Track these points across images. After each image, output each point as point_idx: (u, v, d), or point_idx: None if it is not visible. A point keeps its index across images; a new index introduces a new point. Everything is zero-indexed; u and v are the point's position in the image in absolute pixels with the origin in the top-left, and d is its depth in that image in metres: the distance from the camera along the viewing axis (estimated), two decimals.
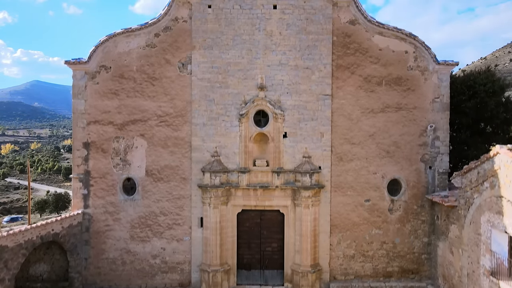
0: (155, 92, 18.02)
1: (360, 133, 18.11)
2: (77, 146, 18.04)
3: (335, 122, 18.07)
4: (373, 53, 18.04)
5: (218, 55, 17.93)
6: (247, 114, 17.86)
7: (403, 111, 18.12)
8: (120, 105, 18.03)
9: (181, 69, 18.02)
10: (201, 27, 17.91)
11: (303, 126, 17.97)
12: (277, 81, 17.96)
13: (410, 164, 18.12)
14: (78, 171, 18.00)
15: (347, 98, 18.09)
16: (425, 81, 18.10)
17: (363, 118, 18.10)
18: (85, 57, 18.01)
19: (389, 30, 17.91)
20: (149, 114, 18.05)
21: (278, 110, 17.82)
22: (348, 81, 18.07)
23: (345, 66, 18.04)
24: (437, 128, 18.12)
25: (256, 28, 17.91)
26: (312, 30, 17.93)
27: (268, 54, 17.91)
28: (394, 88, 18.10)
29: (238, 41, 17.92)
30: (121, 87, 18.00)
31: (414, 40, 17.93)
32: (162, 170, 18.05)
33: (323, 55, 17.93)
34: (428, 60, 18.01)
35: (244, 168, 17.83)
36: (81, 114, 18.01)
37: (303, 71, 17.95)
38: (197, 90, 17.95)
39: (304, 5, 17.93)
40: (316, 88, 17.96)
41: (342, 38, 18.04)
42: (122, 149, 18.04)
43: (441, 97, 18.14)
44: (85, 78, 17.98)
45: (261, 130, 17.99)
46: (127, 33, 17.88)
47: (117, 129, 18.04)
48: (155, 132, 18.04)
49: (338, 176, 18.10)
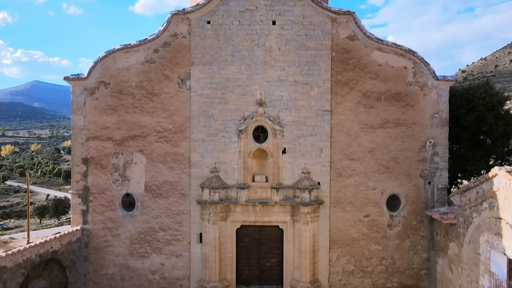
0: (154, 108, 18.02)
1: (359, 149, 18.11)
2: (76, 162, 18.04)
3: (334, 137, 18.07)
4: (372, 68, 18.04)
5: (217, 71, 17.93)
6: (246, 130, 17.86)
7: (402, 126, 18.12)
8: (119, 121, 18.03)
9: (180, 84, 18.02)
10: (200, 43, 17.91)
11: (302, 142, 17.97)
12: (276, 97, 17.96)
13: (409, 179, 18.12)
14: (77, 187, 18.00)
15: (346, 114, 18.08)
16: (424, 97, 18.10)
17: (362, 133, 18.10)
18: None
19: (388, 46, 17.91)
20: (148, 130, 18.05)
21: (277, 126, 17.82)
22: (347, 97, 18.07)
23: (344, 82, 18.04)
24: (436, 143, 18.12)
25: (255, 44, 17.91)
26: (311, 46, 17.93)
27: (267, 70, 17.92)
28: (393, 103, 18.10)
29: (237, 57, 17.92)
30: (120, 103, 18.01)
31: (413, 56, 17.93)
32: (161, 186, 18.05)
33: (322, 70, 17.93)
34: (427, 75, 18.01)
35: (243, 184, 17.83)
36: (80, 130, 18.01)
37: (302, 87, 17.95)
38: (196, 106, 17.95)
39: (303, 21, 17.93)
40: (315, 104, 17.95)
41: (341, 54, 18.03)
42: (121, 164, 18.04)
43: (440, 113, 18.14)
44: (84, 94, 17.98)
45: (260, 146, 17.99)
46: (126, 49, 17.88)
47: (116, 145, 18.04)
48: (154, 148, 18.05)
49: (337, 192, 18.10)
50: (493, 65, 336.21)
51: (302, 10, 17.93)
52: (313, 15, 17.92)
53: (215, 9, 17.92)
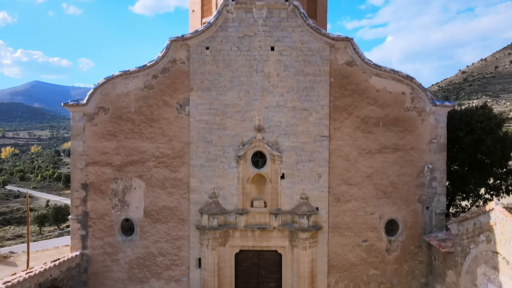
0: (153, 134, 18.09)
1: (358, 174, 18.18)
2: (75, 187, 18.10)
3: (332, 163, 18.14)
4: (370, 94, 18.11)
5: (216, 96, 18.00)
6: (244, 156, 17.93)
7: (400, 152, 18.19)
8: (119, 146, 18.10)
9: (179, 110, 18.09)
10: (199, 68, 17.98)
11: (301, 168, 18.04)
12: (275, 122, 18.03)
13: (407, 204, 18.20)
14: (76, 212, 18.07)
15: (345, 139, 18.16)
16: (422, 122, 18.17)
17: (361, 159, 18.17)
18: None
19: (386, 71, 17.98)
20: (147, 155, 18.12)
21: (276, 152, 17.88)
22: (346, 122, 18.14)
23: (342, 107, 18.11)
24: (434, 168, 18.18)
25: (253, 70, 17.98)
26: (310, 71, 18.00)
27: (265, 96, 17.99)
28: (391, 129, 18.17)
29: (236, 82, 17.99)
30: (120, 128, 18.07)
31: (411, 82, 18.01)
32: (160, 211, 18.12)
33: (321, 96, 18.00)
34: (425, 101, 18.08)
35: (241, 209, 17.90)
36: (79, 155, 18.07)
37: (300, 113, 18.02)
38: (195, 132, 18.02)
39: (302, 47, 17.99)
40: (314, 130, 18.02)
41: (340, 80, 18.11)
42: (121, 190, 18.11)
43: (438, 138, 18.20)
44: (84, 120, 18.05)
45: (258, 171, 18.06)
46: (125, 75, 17.95)
47: (115, 170, 18.11)
48: (153, 173, 18.12)
49: (335, 217, 18.17)
50: (493, 66, 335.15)
51: (301, 36, 18.00)
52: (311, 41, 17.99)
53: (214, 35, 17.98)
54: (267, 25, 18.01)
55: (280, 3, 17.93)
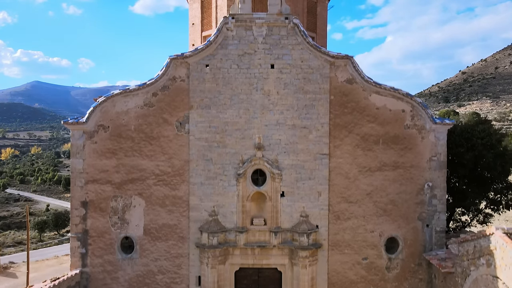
0: (153, 151, 18.07)
1: (358, 192, 18.16)
2: (75, 205, 18.08)
3: (332, 180, 18.11)
4: (370, 112, 18.09)
5: (215, 114, 17.98)
6: (244, 174, 17.91)
7: (400, 169, 18.16)
8: (118, 164, 18.08)
9: (178, 128, 18.07)
10: (198, 86, 17.96)
11: (301, 185, 18.02)
12: (275, 140, 18.01)
13: (407, 222, 18.17)
14: (76, 230, 18.05)
15: (345, 157, 18.13)
16: (422, 140, 18.15)
17: (361, 176, 18.15)
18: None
19: (386, 89, 17.96)
20: (147, 173, 18.09)
21: (276, 170, 17.86)
22: (346, 140, 18.11)
23: (342, 125, 18.08)
24: (434, 186, 18.16)
25: (253, 88, 17.96)
26: (310, 89, 17.98)
27: (265, 114, 17.96)
28: (391, 146, 18.14)
29: (235, 100, 17.97)
30: (119, 146, 18.05)
31: (411, 100, 17.98)
32: (160, 229, 18.10)
33: (321, 114, 17.98)
34: (425, 119, 18.05)
35: (241, 227, 17.88)
36: (79, 173, 18.05)
37: (300, 131, 18.00)
38: (195, 150, 18.00)
39: (302, 64, 17.97)
40: (314, 148, 18.00)
41: (340, 97, 18.08)
42: (120, 208, 18.09)
43: (438, 156, 18.17)
44: (83, 138, 18.03)
45: (258, 189, 18.04)
46: (125, 93, 17.92)
47: (115, 188, 18.09)
48: (153, 191, 18.10)
49: (335, 235, 18.15)
50: (493, 67, 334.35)
51: (301, 54, 17.97)
52: (311, 58, 17.96)
53: (214, 53, 17.96)
54: (267, 42, 17.99)
55: (280, 21, 17.90)
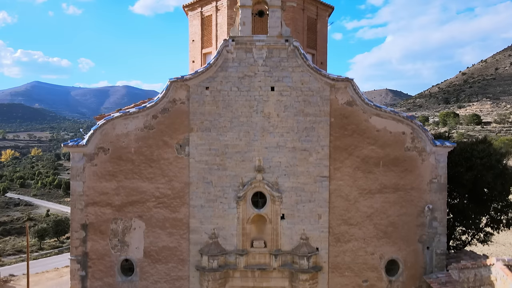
0: (153, 174, 18.05)
1: (358, 214, 18.15)
2: (75, 228, 18.07)
3: (332, 203, 18.10)
4: (370, 134, 18.07)
5: (215, 137, 17.97)
6: (244, 197, 17.90)
7: (400, 191, 18.15)
8: (118, 187, 18.06)
9: (179, 150, 18.05)
10: (198, 109, 17.95)
11: (301, 208, 18.02)
12: (275, 163, 17.99)
13: (407, 244, 18.16)
14: (76, 253, 18.03)
15: (345, 179, 18.12)
16: (423, 162, 18.13)
17: (361, 199, 18.14)
18: None
19: (386, 112, 17.95)
20: (147, 196, 18.08)
21: (276, 192, 17.86)
22: (346, 162, 18.10)
23: (342, 148, 18.07)
24: (434, 208, 18.14)
25: (253, 110, 17.94)
26: (310, 111, 17.96)
27: (265, 136, 17.95)
28: (392, 169, 18.13)
29: (235, 123, 17.95)
30: (119, 168, 18.04)
31: (411, 122, 17.96)
32: (160, 251, 18.09)
33: (321, 136, 17.96)
34: (426, 141, 18.04)
35: (242, 250, 17.87)
36: (79, 195, 18.04)
37: (300, 153, 17.98)
38: (195, 172, 17.98)
39: (302, 87, 17.96)
40: (314, 170, 17.98)
41: (340, 120, 18.06)
42: (120, 230, 18.08)
43: (439, 178, 18.15)
44: (83, 160, 18.02)
45: (258, 212, 18.04)
46: (125, 116, 17.91)
47: (115, 210, 18.08)
48: (153, 214, 18.09)
49: (335, 257, 18.14)
50: (494, 68, 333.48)
51: (301, 76, 17.96)
52: (311, 81, 17.95)
53: (214, 75, 17.95)
54: (267, 65, 17.97)
55: (280, 43, 17.88)
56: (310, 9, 23.61)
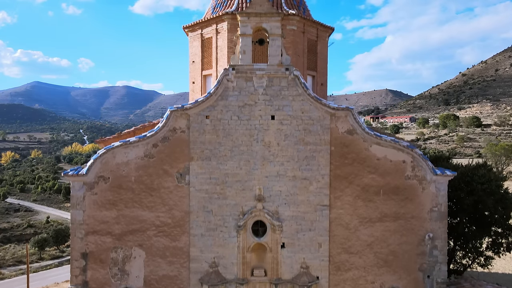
0: (154, 203, 18.04)
1: (358, 243, 18.13)
2: (75, 257, 18.05)
3: (332, 231, 18.09)
4: (371, 162, 18.05)
5: (216, 166, 17.95)
6: (245, 226, 17.89)
7: (401, 220, 18.13)
8: (118, 216, 18.05)
9: (179, 179, 18.03)
10: (199, 138, 17.93)
11: (301, 237, 18.00)
12: (275, 192, 17.98)
13: (408, 273, 18.14)
14: (76, 282, 18.02)
15: (345, 208, 18.10)
16: (423, 191, 18.10)
17: (361, 227, 18.12)
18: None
19: (387, 141, 17.92)
20: (148, 225, 18.07)
21: (276, 221, 17.84)
22: (346, 191, 18.08)
23: (343, 176, 18.05)
24: (435, 237, 18.12)
25: (254, 139, 17.92)
26: (310, 140, 17.94)
27: (266, 165, 17.93)
28: (392, 197, 18.11)
29: (236, 152, 17.94)
30: (120, 197, 18.03)
31: (412, 151, 17.94)
32: (161, 280, 18.08)
33: (321, 165, 17.94)
34: (426, 170, 18.01)
35: (242, 279, 17.86)
36: (79, 224, 18.02)
37: (301, 182, 17.97)
38: (195, 201, 17.97)
39: (302, 116, 17.94)
40: (314, 199, 17.97)
41: (340, 148, 18.04)
42: (121, 259, 18.07)
43: (439, 206, 18.12)
44: (84, 189, 18.00)
45: (259, 240, 18.02)
46: (125, 145, 17.89)
47: (115, 239, 18.07)
48: (154, 242, 18.07)
49: (336, 286, 18.12)
50: (494, 69, 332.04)
51: (301, 105, 17.94)
52: (312, 110, 17.93)
53: (214, 104, 17.93)
54: (267, 93, 17.96)
55: (280, 72, 17.86)
56: (311, 31, 23.58)
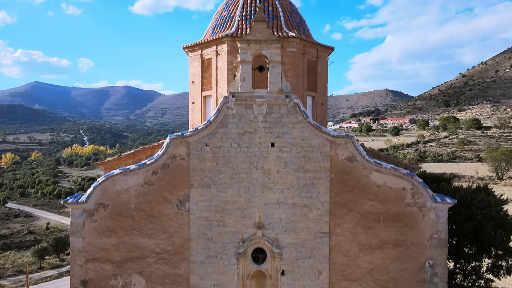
0: (153, 230, 18.04)
1: (358, 270, 18.13)
2: (74, 284, 18.04)
3: (332, 259, 18.08)
4: (371, 190, 18.04)
5: (216, 193, 17.95)
6: (245, 253, 17.89)
7: (401, 247, 18.11)
8: (118, 243, 18.05)
9: (179, 206, 18.03)
10: (199, 165, 17.92)
11: (301, 264, 18.00)
12: (275, 219, 17.97)
13: None
14: None
15: (345, 235, 18.09)
16: (423, 218, 18.09)
17: (361, 254, 18.11)
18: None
19: (387, 169, 17.91)
20: (147, 252, 18.06)
21: (276, 249, 17.84)
22: (346, 218, 18.07)
23: (343, 203, 18.04)
24: (435, 264, 18.11)
25: (254, 167, 17.91)
26: (310, 168, 17.93)
27: (266, 193, 17.92)
28: (392, 224, 18.09)
29: (236, 179, 17.93)
30: (119, 224, 18.02)
31: (411, 179, 17.93)
32: None
33: (321, 193, 17.94)
34: (426, 197, 18.00)
35: None
36: (79, 252, 18.02)
37: (301, 209, 17.96)
38: (195, 229, 17.97)
39: (302, 143, 17.93)
40: (314, 226, 17.96)
41: (340, 175, 18.03)
42: (120, 286, 18.05)
43: (439, 234, 18.11)
44: (83, 216, 17.99)
45: (258, 268, 18.02)
46: (125, 173, 17.88)
47: (115, 266, 18.06)
48: (153, 270, 18.07)
49: None
50: (494, 70, 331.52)
51: (301, 133, 17.93)
52: (312, 137, 17.92)
53: (214, 132, 17.92)
54: (267, 121, 17.95)
55: (280, 99, 17.85)
56: (310, 52, 23.56)
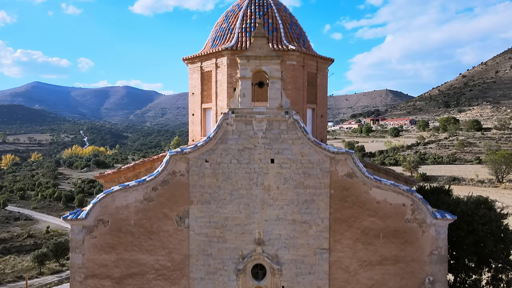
0: (153, 246, 18.02)
1: (358, 286, 18.10)
2: None
3: (332, 275, 18.07)
4: (370, 206, 18.02)
5: (215, 209, 17.93)
6: (244, 269, 17.88)
7: (401, 263, 18.10)
8: (118, 259, 18.03)
9: (178, 222, 18.02)
10: (198, 181, 17.90)
11: (301, 280, 17.98)
12: (275, 235, 17.96)
13: None
14: None
15: (345, 251, 18.08)
16: (423, 234, 18.07)
17: (361, 270, 18.10)
18: None
19: (387, 185, 17.89)
20: (147, 268, 18.05)
21: (276, 265, 17.83)
22: (346, 234, 18.06)
23: (342, 220, 18.02)
24: (435, 280, 18.08)
25: (253, 183, 17.90)
26: (310, 184, 17.92)
27: (265, 209, 17.91)
28: (392, 240, 18.08)
29: (235, 195, 17.91)
30: (119, 241, 18.00)
31: (411, 195, 17.91)
32: None
33: (321, 209, 17.92)
34: (426, 213, 17.98)
35: None
36: (78, 268, 17.99)
37: (300, 226, 17.94)
38: (195, 245, 17.95)
39: (302, 159, 17.91)
40: (314, 243, 17.95)
41: (340, 192, 18.02)
42: None
43: (439, 250, 18.09)
44: (83, 233, 17.97)
45: (258, 284, 18.01)
46: (124, 189, 17.87)
47: (114, 283, 18.04)
48: (153, 286, 18.04)
49: None
50: (494, 71, 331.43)
51: (301, 149, 17.91)
52: (311, 153, 17.90)
53: (214, 148, 17.91)
54: (267, 137, 17.93)
55: (280, 116, 17.83)
56: (310, 64, 23.53)
